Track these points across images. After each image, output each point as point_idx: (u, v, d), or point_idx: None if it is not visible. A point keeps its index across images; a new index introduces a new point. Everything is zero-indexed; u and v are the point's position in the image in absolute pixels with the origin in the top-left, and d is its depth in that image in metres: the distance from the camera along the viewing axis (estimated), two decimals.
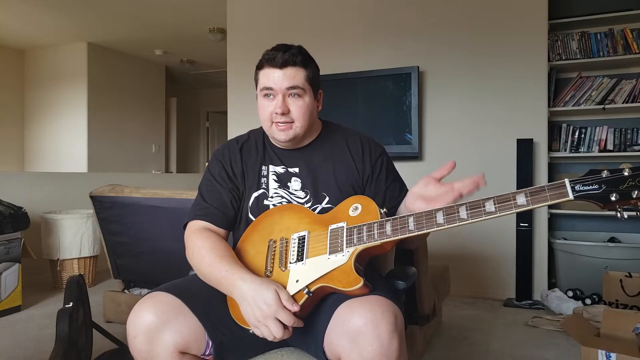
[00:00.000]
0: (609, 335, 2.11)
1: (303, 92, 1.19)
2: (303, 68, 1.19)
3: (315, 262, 1.06)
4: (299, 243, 1.11)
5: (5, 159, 5.90)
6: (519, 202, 0.91)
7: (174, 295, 1.07)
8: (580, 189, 0.86)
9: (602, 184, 0.85)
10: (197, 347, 1.06)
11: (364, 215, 1.08)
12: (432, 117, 3.48)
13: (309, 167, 1.26)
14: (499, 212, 0.94)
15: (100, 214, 2.60)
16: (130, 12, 4.73)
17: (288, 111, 1.19)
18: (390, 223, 1.03)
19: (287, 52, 1.18)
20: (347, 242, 1.05)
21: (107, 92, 5.95)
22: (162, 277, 2.60)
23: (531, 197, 0.90)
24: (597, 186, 0.85)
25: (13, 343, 2.39)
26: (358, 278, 0.99)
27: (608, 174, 0.84)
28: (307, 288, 1.02)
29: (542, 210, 3.17)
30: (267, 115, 1.21)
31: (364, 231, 1.04)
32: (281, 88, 1.18)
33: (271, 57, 1.18)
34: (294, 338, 1.14)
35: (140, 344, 1.03)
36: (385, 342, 0.93)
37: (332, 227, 1.10)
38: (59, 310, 1.73)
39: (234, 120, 4.23)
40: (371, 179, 1.27)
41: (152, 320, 1.02)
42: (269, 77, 1.18)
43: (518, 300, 3.11)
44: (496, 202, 0.94)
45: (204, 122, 8.43)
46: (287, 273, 1.07)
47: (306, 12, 3.92)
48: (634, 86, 3.13)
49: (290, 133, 1.21)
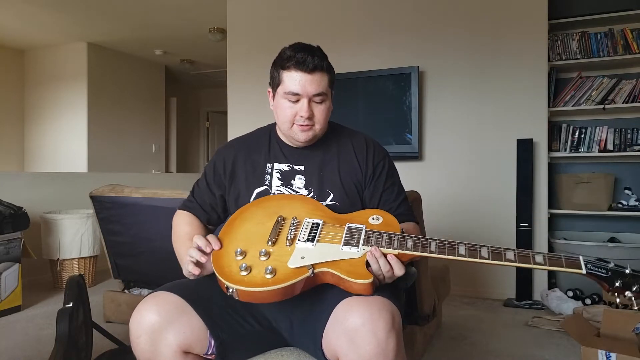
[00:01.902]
0: (609, 335, 2.11)
1: (326, 97, 1.22)
2: (327, 73, 1.21)
3: (326, 247, 1.06)
4: (312, 227, 1.11)
5: (5, 159, 5.90)
6: (537, 259, 1.00)
7: (177, 295, 1.08)
8: (591, 269, 0.99)
9: (609, 271, 0.98)
10: (200, 347, 1.06)
11: (385, 226, 1.10)
12: (432, 117, 3.48)
13: (314, 165, 1.27)
14: (517, 262, 1.01)
15: (100, 214, 2.60)
16: (130, 12, 4.73)
17: (313, 115, 1.20)
18: (412, 240, 1.05)
19: (315, 57, 1.18)
20: (365, 240, 1.06)
21: (107, 92, 5.95)
22: (162, 277, 2.60)
23: (549, 259, 1.00)
24: (604, 271, 0.98)
25: (13, 343, 2.39)
26: (368, 274, 1.00)
27: (614, 266, 0.98)
28: (312, 267, 1.02)
29: (542, 210, 3.17)
30: (289, 117, 1.21)
31: (384, 237, 1.06)
32: (309, 94, 1.18)
33: (301, 61, 1.17)
34: (294, 337, 1.14)
35: (143, 344, 1.03)
36: (382, 341, 0.93)
37: (349, 225, 1.10)
38: (59, 310, 1.73)
39: (234, 120, 4.22)
40: (371, 179, 1.28)
41: (155, 320, 1.03)
42: (297, 81, 1.18)
43: (518, 300, 3.11)
44: (516, 254, 1.02)
45: (204, 122, 8.43)
46: (292, 249, 1.06)
47: (306, 12, 3.92)
48: (634, 86, 3.13)
49: (310, 134, 1.23)
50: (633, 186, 3.25)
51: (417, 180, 3.33)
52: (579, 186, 3.15)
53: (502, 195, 3.24)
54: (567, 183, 3.20)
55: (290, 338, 1.16)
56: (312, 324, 1.06)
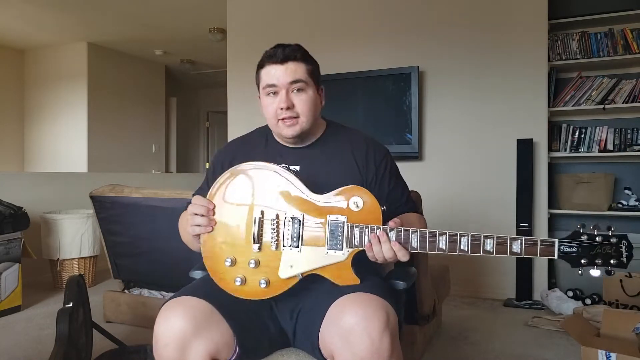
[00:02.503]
0: (609, 335, 2.11)
1: (306, 86, 1.20)
2: (304, 62, 1.20)
3: (312, 252, 1.06)
4: (293, 227, 1.07)
5: (5, 159, 5.90)
6: (514, 248, 1.02)
7: (204, 300, 1.04)
8: (564, 250, 1.03)
9: (580, 247, 1.03)
10: (226, 353, 1.04)
11: (366, 214, 1.05)
12: (432, 117, 3.48)
13: (310, 166, 1.26)
14: (495, 253, 1.03)
15: (100, 214, 2.60)
16: (130, 12, 4.73)
17: (293, 105, 1.19)
18: (394, 234, 1.04)
19: (287, 48, 1.19)
20: (348, 241, 1.05)
21: (107, 92, 5.95)
22: (162, 277, 2.62)
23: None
24: (575, 249, 1.03)
25: (13, 343, 2.39)
26: (355, 278, 1.04)
27: (587, 238, 1.03)
28: (301, 275, 1.06)
29: (542, 210, 3.17)
30: (272, 113, 1.21)
31: (366, 234, 1.05)
32: (284, 83, 1.18)
33: (271, 54, 1.19)
34: (296, 338, 1.14)
35: (171, 352, 0.99)
36: (376, 340, 0.93)
37: (330, 217, 1.06)
38: (59, 310, 1.73)
39: (234, 120, 4.23)
40: (374, 181, 1.27)
41: (185, 328, 0.98)
42: (271, 73, 1.19)
43: (518, 300, 3.11)
44: (495, 241, 1.03)
45: (204, 122, 8.42)
46: (280, 254, 1.08)
47: (306, 12, 3.92)
48: (634, 86, 3.13)
49: (297, 128, 1.20)
50: (633, 186, 3.25)
51: (417, 180, 3.31)
52: (579, 186, 3.15)
53: (502, 195, 3.24)
54: (567, 183, 3.20)
55: (293, 339, 1.16)
56: (310, 323, 1.06)
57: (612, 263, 1.01)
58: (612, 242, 1.02)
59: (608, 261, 1.02)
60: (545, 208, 3.17)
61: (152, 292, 2.70)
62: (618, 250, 1.01)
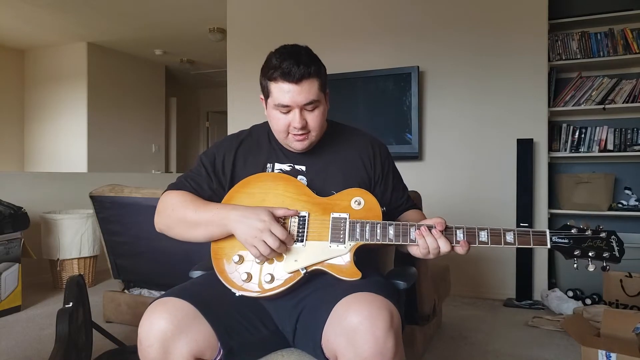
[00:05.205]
0: (609, 335, 2.11)
1: (319, 103, 1.18)
2: (317, 78, 1.16)
3: (316, 246, 1.11)
4: (299, 223, 1.14)
5: (5, 159, 5.90)
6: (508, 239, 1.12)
7: (187, 301, 1.05)
8: (556, 240, 1.07)
9: (571, 239, 1.06)
10: (210, 354, 1.05)
11: (367, 212, 1.13)
12: (432, 117, 3.48)
13: (316, 166, 1.26)
14: (490, 244, 1.13)
15: (100, 214, 2.60)
16: (130, 12, 4.73)
17: (306, 124, 1.17)
18: (394, 227, 1.10)
19: (301, 65, 1.12)
20: (350, 235, 1.10)
21: (107, 92, 5.95)
22: (162, 277, 2.62)
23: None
24: (567, 240, 1.06)
25: (13, 343, 2.39)
26: (357, 272, 1.07)
27: (576, 231, 1.06)
28: (305, 269, 1.09)
29: (542, 210, 3.17)
30: (282, 128, 1.19)
31: (367, 229, 1.10)
32: (298, 104, 1.15)
33: (286, 72, 1.12)
34: (297, 338, 1.14)
35: (154, 352, 1.00)
36: (380, 340, 0.93)
37: (334, 215, 1.13)
38: (59, 310, 1.73)
39: (234, 120, 4.23)
40: (380, 179, 1.29)
41: (167, 328, 1.00)
42: (285, 93, 1.14)
43: (518, 300, 3.11)
44: (489, 233, 1.15)
45: (204, 122, 8.43)
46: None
47: (306, 12, 3.92)
48: (634, 86, 3.13)
49: (306, 143, 1.21)
50: (633, 186, 3.25)
51: (417, 180, 3.33)
52: (579, 186, 3.15)
53: (502, 195, 3.24)
54: (567, 183, 3.20)
55: (293, 340, 1.16)
56: (313, 323, 1.06)
57: (605, 257, 1.04)
58: (602, 236, 1.05)
59: (601, 255, 1.04)
60: (545, 208, 3.17)
61: (152, 292, 2.70)
62: (609, 244, 1.05)
